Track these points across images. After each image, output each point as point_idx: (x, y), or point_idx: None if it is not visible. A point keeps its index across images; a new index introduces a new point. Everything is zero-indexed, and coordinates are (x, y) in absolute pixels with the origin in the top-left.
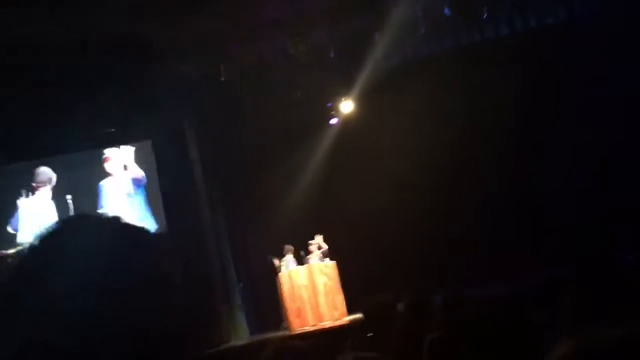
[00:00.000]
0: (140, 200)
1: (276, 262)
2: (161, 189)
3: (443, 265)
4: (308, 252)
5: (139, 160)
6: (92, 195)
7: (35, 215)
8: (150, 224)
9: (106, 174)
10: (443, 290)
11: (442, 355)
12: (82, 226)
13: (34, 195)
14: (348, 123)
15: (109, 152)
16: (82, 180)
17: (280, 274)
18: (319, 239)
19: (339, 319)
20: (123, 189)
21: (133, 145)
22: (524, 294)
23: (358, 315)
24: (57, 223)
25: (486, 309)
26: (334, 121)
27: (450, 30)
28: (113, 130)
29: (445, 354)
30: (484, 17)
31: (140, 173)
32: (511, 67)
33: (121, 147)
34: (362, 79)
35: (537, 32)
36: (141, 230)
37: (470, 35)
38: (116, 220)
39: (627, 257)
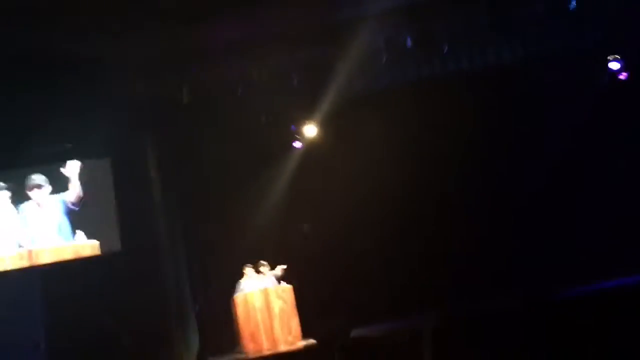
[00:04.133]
0: (66, 222)
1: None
2: (118, 207)
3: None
4: (259, 272)
5: (89, 177)
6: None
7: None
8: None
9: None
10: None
11: None
12: None
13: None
14: (311, 146)
15: (39, 178)
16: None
17: (235, 295)
18: (280, 268)
19: (293, 343)
20: (51, 214)
21: (90, 163)
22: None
23: (311, 341)
24: None
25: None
26: (297, 144)
27: (412, 61)
28: (70, 145)
29: None
30: (445, 51)
31: (79, 192)
32: (470, 100)
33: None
34: (325, 104)
35: (495, 67)
36: None
37: (431, 67)
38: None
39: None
